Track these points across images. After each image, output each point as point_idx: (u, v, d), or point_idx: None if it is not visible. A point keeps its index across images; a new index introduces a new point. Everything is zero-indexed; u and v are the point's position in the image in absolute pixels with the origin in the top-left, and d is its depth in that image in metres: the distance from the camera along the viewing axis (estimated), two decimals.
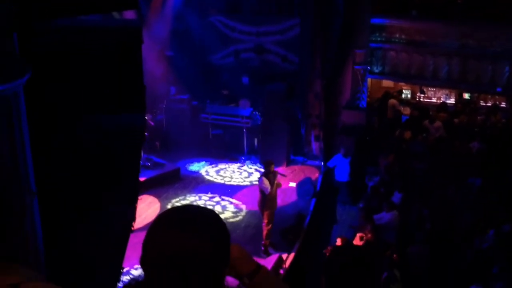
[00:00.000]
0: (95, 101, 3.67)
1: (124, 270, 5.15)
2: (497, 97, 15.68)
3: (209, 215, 1.42)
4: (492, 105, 15.49)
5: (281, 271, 9.14)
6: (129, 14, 11.11)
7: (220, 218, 1.43)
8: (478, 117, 14.40)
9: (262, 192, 9.69)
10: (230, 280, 1.45)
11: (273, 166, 9.80)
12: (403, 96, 16.52)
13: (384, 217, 9.84)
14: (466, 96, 16.35)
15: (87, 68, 3.58)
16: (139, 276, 1.42)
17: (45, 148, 3.44)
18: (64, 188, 3.72)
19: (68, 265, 3.87)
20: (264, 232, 9.84)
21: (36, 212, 3.59)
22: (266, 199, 9.66)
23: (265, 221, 9.75)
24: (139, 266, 1.39)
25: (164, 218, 1.39)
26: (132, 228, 4.66)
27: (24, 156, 2.80)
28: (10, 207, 3.01)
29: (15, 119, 2.71)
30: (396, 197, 10.71)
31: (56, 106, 3.52)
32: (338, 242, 8.46)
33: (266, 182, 9.51)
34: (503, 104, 15.74)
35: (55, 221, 3.64)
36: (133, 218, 4.39)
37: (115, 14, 10.36)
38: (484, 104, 15.98)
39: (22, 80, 2.66)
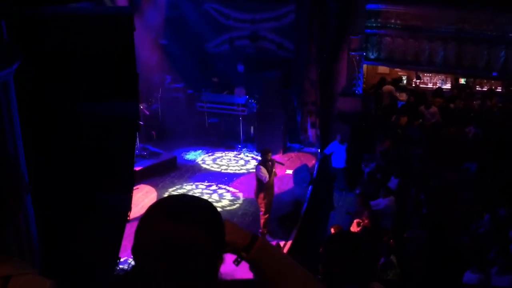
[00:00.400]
0: (87, 89, 3.63)
1: (121, 259, 5.13)
2: (493, 81, 15.67)
3: (203, 204, 1.40)
4: (488, 89, 15.47)
5: None
6: (122, 2, 11.00)
7: (214, 208, 1.41)
8: (474, 102, 14.38)
9: (258, 180, 9.66)
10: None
11: (270, 154, 9.77)
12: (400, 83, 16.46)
13: (381, 203, 9.87)
14: (462, 81, 16.33)
15: (78, 56, 3.53)
16: (129, 265, 1.40)
17: (37, 137, 3.40)
18: (57, 177, 3.69)
19: (63, 255, 3.86)
20: (262, 221, 9.85)
21: (29, 205, 3.56)
22: (263, 188, 9.64)
23: (262, 209, 9.74)
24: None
25: (158, 207, 1.37)
26: (128, 218, 4.64)
27: (15, 146, 2.76)
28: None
29: (5, 108, 2.67)
30: (393, 182, 10.73)
31: (47, 94, 3.47)
32: (332, 231, 8.49)
33: (263, 170, 9.48)
34: (499, 89, 15.74)
35: (49, 211, 3.61)
36: (128, 206, 4.37)
37: (107, 2, 10.27)
38: (480, 89, 15.97)
39: (11, 68, 2.62)
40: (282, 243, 9.62)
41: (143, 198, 11.11)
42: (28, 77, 3.35)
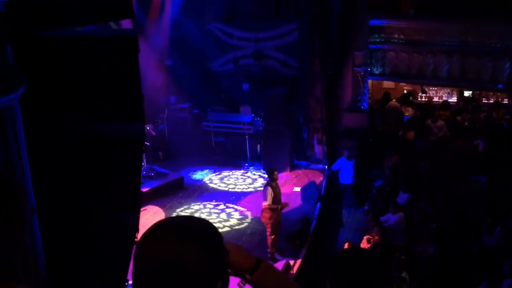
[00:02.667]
0: (93, 111, 3.65)
1: (129, 282, 5.09)
2: (499, 94, 15.63)
3: (201, 225, 1.39)
4: (494, 102, 15.42)
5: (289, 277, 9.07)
6: (126, 24, 11.14)
7: (213, 228, 1.40)
8: (481, 115, 14.33)
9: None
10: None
11: (276, 173, 9.71)
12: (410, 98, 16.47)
13: (391, 219, 9.77)
14: (468, 94, 16.30)
15: (85, 78, 3.56)
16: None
17: (44, 159, 3.41)
18: (64, 199, 3.68)
19: (71, 277, 3.83)
20: (269, 241, 9.74)
21: (36, 227, 3.55)
22: (270, 208, 9.54)
23: (269, 230, 9.64)
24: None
25: (154, 230, 1.37)
26: (136, 239, 4.62)
27: (22, 170, 2.76)
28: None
29: (11, 132, 2.68)
30: (402, 197, 10.64)
31: (54, 116, 3.49)
32: (346, 246, 8.39)
33: (268, 191, 9.43)
34: (505, 101, 15.68)
35: (56, 233, 3.60)
36: (136, 227, 4.35)
37: (112, 24, 10.39)
38: (486, 101, 15.92)
39: (17, 93, 2.64)
40: (291, 262, 9.52)
41: (151, 219, 11.07)
42: (34, 101, 3.38)
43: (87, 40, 3.71)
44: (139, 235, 4.73)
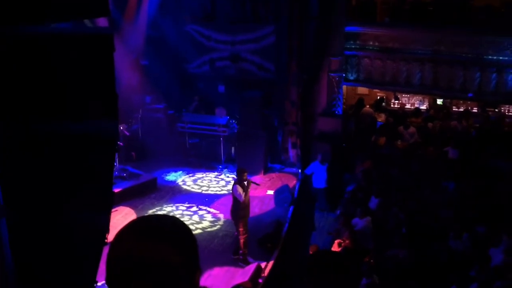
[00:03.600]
0: (65, 109, 3.58)
1: (99, 284, 5.02)
2: (469, 102, 15.99)
3: (174, 222, 1.39)
4: (464, 110, 15.79)
5: (260, 280, 9.08)
6: (102, 22, 11.00)
7: (185, 225, 1.40)
8: (451, 122, 14.65)
9: (235, 200, 9.61)
10: None
11: (246, 173, 9.73)
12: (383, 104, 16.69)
13: (358, 223, 9.90)
14: (439, 102, 16.64)
15: (57, 76, 3.50)
16: None
17: (12, 158, 3.34)
18: (33, 198, 3.61)
19: (39, 278, 3.75)
20: (241, 241, 9.74)
21: (3, 227, 3.47)
22: (240, 207, 9.58)
23: (241, 229, 9.65)
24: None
25: (126, 229, 1.35)
26: (106, 240, 4.55)
27: None
28: None
29: None
30: (373, 202, 10.79)
31: (24, 114, 3.42)
32: (310, 250, 8.47)
33: (239, 189, 9.44)
34: (475, 109, 16.06)
35: (24, 233, 3.52)
36: (106, 228, 4.28)
37: (87, 23, 10.25)
38: (456, 109, 16.28)
39: None
40: (263, 264, 9.55)
41: (122, 220, 10.93)
42: (2, 99, 3.31)
43: (61, 37, 3.65)
44: (109, 236, 4.68)
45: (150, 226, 1.35)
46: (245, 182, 9.57)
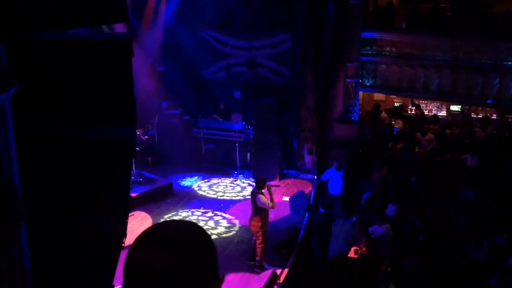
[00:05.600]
0: (84, 114, 3.61)
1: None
2: (488, 109, 15.79)
3: (194, 230, 1.37)
4: (483, 117, 15.58)
5: (275, 287, 9.02)
6: (120, 29, 11.12)
7: (204, 232, 1.38)
8: (475, 129, 14.45)
9: (256, 210, 9.45)
10: None
11: (265, 182, 9.60)
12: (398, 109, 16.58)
13: (377, 230, 9.78)
14: (457, 108, 16.45)
15: (77, 81, 3.53)
16: None
17: (31, 164, 3.36)
18: (52, 203, 3.63)
19: (57, 284, 3.77)
20: (259, 250, 9.64)
21: (23, 234, 3.49)
22: (262, 217, 9.45)
23: (260, 238, 9.54)
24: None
25: (145, 236, 1.34)
26: (123, 245, 4.56)
27: (11, 174, 2.72)
28: None
29: (1, 134, 2.64)
30: (390, 209, 10.66)
31: (44, 120, 3.45)
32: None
33: (262, 198, 9.33)
34: (494, 116, 15.84)
35: (42, 239, 3.54)
36: (124, 233, 4.29)
37: (105, 28, 10.37)
38: (475, 116, 16.07)
39: (8, 94, 2.60)
40: (278, 271, 9.48)
41: (138, 225, 10.98)
42: (24, 104, 3.34)
43: (80, 43, 3.68)
44: (126, 240, 4.68)
45: (169, 234, 1.32)
46: (265, 189, 9.47)
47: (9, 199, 1.51)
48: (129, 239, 4.87)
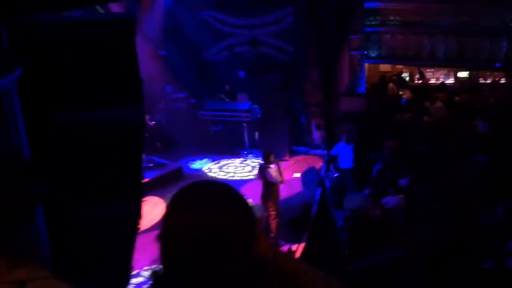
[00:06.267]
0: (91, 96, 3.55)
1: (134, 272, 5.05)
2: (496, 73, 15.56)
3: (227, 188, 1.35)
4: (492, 81, 15.38)
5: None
6: (116, 10, 10.99)
7: (237, 192, 1.34)
8: (479, 94, 14.28)
9: (266, 184, 9.53)
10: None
11: (272, 156, 9.61)
12: (403, 77, 16.39)
13: (390, 201, 9.76)
14: (465, 74, 16.23)
15: (80, 62, 3.46)
16: (158, 268, 1.32)
17: (42, 147, 3.33)
18: (65, 189, 3.61)
19: (75, 266, 3.77)
20: (273, 225, 9.70)
21: (40, 217, 3.48)
22: (272, 191, 9.52)
23: (273, 213, 9.61)
24: (149, 267, 1.30)
25: (183, 195, 1.33)
26: (139, 227, 4.55)
27: (22, 156, 2.67)
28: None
29: (10, 117, 2.60)
30: (403, 180, 10.61)
31: (49, 104, 3.40)
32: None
33: (273, 172, 9.36)
34: (502, 80, 15.63)
35: (58, 222, 3.53)
36: (139, 216, 4.28)
37: (99, 9, 10.21)
38: (483, 81, 15.86)
39: (13, 75, 2.54)
40: (294, 247, 9.51)
41: (151, 210, 11.01)
42: (29, 87, 3.29)
43: (83, 24, 3.61)
44: (141, 225, 4.67)
45: (206, 194, 1.30)
46: (274, 164, 9.47)
47: (26, 172, 1.48)
48: (144, 224, 4.85)
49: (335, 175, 10.40)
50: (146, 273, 8.28)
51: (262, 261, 1.37)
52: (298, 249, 9.51)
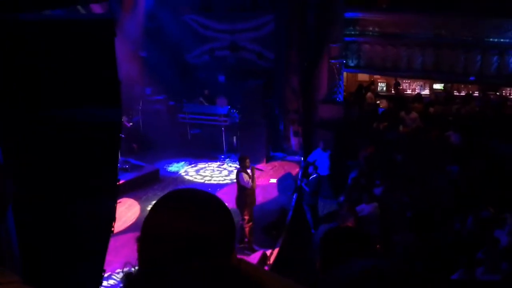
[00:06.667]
0: (69, 96, 3.54)
1: (106, 274, 5.00)
2: (470, 86, 15.92)
3: (212, 198, 1.36)
4: (466, 94, 15.73)
5: (266, 268, 9.08)
6: (97, 10, 10.91)
7: (221, 200, 1.36)
8: (453, 107, 14.59)
9: (240, 188, 9.57)
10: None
11: (248, 160, 9.67)
12: (379, 87, 16.66)
13: (365, 209, 9.87)
14: (440, 86, 16.57)
15: (59, 62, 3.45)
16: (133, 270, 1.32)
17: (16, 145, 3.30)
18: (38, 187, 3.57)
19: (45, 267, 3.73)
20: (247, 230, 9.72)
21: (9, 217, 3.44)
22: (246, 195, 9.54)
23: (246, 218, 9.63)
24: (121, 270, 1.30)
25: (165, 202, 1.32)
26: (113, 229, 4.52)
27: None
28: None
29: None
30: (377, 188, 10.75)
31: (27, 102, 3.37)
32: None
33: (245, 177, 9.40)
34: (476, 93, 16.00)
35: (29, 221, 3.49)
36: (113, 217, 4.26)
37: (81, 10, 10.12)
38: (458, 94, 16.22)
39: None
40: (268, 252, 9.54)
41: (126, 212, 10.92)
42: (6, 84, 3.26)
43: (63, 23, 3.59)
44: (115, 227, 4.64)
45: (189, 200, 1.31)
46: (249, 170, 9.53)
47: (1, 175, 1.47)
48: (118, 226, 4.82)
49: (315, 176, 10.59)
50: (119, 276, 8.20)
51: (235, 269, 1.39)
52: (273, 254, 9.54)
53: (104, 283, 7.81)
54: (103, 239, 4.34)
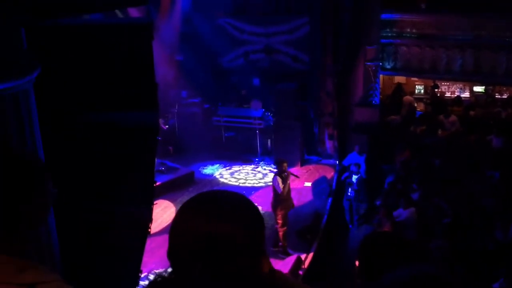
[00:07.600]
0: (107, 100, 3.60)
1: (142, 275, 5.06)
2: None
3: (240, 200, 1.33)
4: (508, 97, 15.21)
5: (300, 272, 9.01)
6: (134, 14, 11.10)
7: (252, 203, 1.33)
8: (494, 110, 14.14)
9: (275, 192, 9.56)
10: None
11: (285, 164, 9.64)
12: (416, 90, 16.28)
13: (402, 214, 9.68)
14: (481, 89, 16.08)
15: (97, 66, 3.51)
16: (164, 271, 1.32)
17: (56, 148, 3.37)
18: (78, 190, 3.64)
19: (85, 269, 3.80)
20: (280, 234, 9.68)
21: (51, 219, 3.52)
22: (279, 199, 9.51)
23: (280, 222, 9.59)
24: (158, 270, 1.30)
25: (192, 204, 1.30)
26: (149, 230, 4.57)
27: (36, 155, 2.71)
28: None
29: (26, 118, 2.64)
30: (415, 194, 10.53)
31: (66, 105, 3.45)
32: None
33: (279, 180, 9.38)
34: None
35: (69, 226, 3.56)
36: (149, 219, 4.30)
37: (118, 13, 10.31)
38: (499, 96, 15.70)
39: (31, 76, 2.59)
40: (303, 256, 9.47)
41: (162, 213, 11.06)
42: (47, 88, 3.34)
43: (101, 28, 3.66)
44: (151, 228, 4.69)
45: (218, 203, 1.29)
46: (285, 174, 9.50)
47: (38, 176, 1.49)
48: (153, 227, 4.88)
49: (358, 176, 10.65)
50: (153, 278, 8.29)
51: (264, 278, 1.36)
52: (307, 258, 9.47)
53: (141, 283, 7.92)
54: (140, 240, 4.40)
